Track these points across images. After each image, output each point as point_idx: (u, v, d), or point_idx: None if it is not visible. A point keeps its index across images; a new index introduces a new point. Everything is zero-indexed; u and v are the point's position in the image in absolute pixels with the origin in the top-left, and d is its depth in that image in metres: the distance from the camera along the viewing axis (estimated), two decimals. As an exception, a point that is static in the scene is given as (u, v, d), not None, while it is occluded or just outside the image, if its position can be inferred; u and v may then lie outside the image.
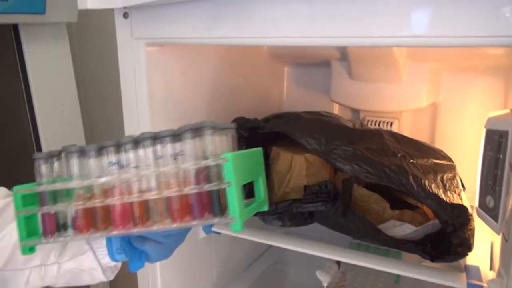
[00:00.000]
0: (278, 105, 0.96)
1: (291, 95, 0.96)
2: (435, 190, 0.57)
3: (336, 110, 0.92)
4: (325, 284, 0.72)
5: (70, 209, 0.42)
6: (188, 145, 0.41)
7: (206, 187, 0.40)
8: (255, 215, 0.71)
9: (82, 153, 0.42)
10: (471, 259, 0.59)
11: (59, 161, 0.43)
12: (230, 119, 0.72)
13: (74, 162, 0.42)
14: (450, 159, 0.67)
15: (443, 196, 0.57)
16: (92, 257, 0.49)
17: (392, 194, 0.73)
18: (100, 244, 0.50)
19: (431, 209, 0.57)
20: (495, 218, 0.48)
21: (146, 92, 0.62)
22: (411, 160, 0.61)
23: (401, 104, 0.82)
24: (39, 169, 0.43)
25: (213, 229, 0.74)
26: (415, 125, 0.85)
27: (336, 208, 0.61)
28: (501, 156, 0.47)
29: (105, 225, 0.42)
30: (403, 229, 0.63)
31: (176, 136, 0.42)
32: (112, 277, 0.52)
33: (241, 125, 0.67)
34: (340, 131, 0.63)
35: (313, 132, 0.61)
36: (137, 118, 0.64)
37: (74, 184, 0.42)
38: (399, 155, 0.61)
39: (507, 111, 0.52)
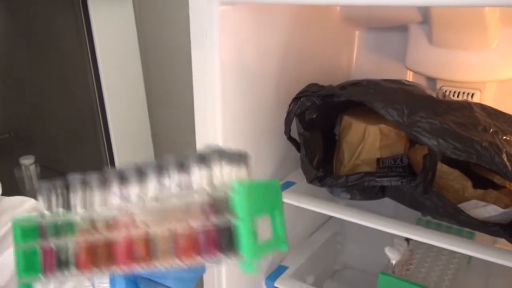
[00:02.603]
0: (346, 72, 0.90)
1: (361, 62, 0.91)
2: (531, 171, 0.52)
3: (410, 78, 0.86)
4: (393, 262, 0.69)
5: (70, 243, 0.39)
6: (195, 175, 0.37)
7: (213, 222, 0.36)
8: (324, 186, 0.68)
9: (85, 183, 0.39)
10: None
11: (63, 192, 0.40)
12: (297, 86, 0.68)
13: (77, 193, 0.39)
14: (547, 137, 0.60)
15: (540, 178, 0.51)
16: None
17: (472, 170, 0.68)
18: (103, 279, 0.47)
19: (526, 192, 0.52)
20: None
21: (218, 56, 0.60)
22: (504, 137, 0.55)
23: (487, 73, 0.74)
24: (42, 201, 0.40)
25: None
26: (499, 98, 0.78)
27: (416, 185, 0.57)
28: None
29: (108, 262, 0.39)
30: (487, 210, 0.58)
31: (182, 165, 0.38)
32: None
33: (314, 92, 0.63)
34: (424, 102, 0.58)
35: (395, 102, 0.56)
36: (207, 83, 0.62)
37: (75, 216, 0.39)
38: (491, 130, 0.55)
39: None
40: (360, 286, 0.92)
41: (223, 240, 0.36)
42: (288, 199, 0.72)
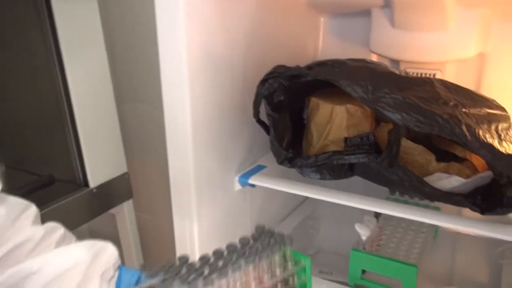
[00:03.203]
0: (313, 57, 0.92)
1: (327, 47, 0.92)
2: (489, 140, 0.54)
3: (374, 62, 0.88)
4: (364, 238, 0.71)
5: None
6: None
7: None
8: (294, 167, 0.69)
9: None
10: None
11: None
12: (264, 71, 0.69)
13: None
14: (504, 109, 0.63)
15: (498, 147, 0.54)
16: None
17: (436, 146, 0.70)
18: None
19: (485, 160, 0.54)
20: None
21: (185, 43, 0.59)
22: (464, 109, 0.58)
23: (446, 54, 0.77)
24: None
25: (249, 181, 0.73)
26: (460, 77, 0.81)
27: (382, 160, 0.59)
28: None
29: None
30: (450, 181, 0.60)
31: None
32: None
33: (281, 73, 0.64)
34: (388, 79, 0.60)
35: (360, 80, 0.58)
36: (174, 72, 0.62)
37: None
38: (451, 104, 0.58)
39: None
40: (334, 267, 0.94)
41: None
42: (260, 181, 0.73)
